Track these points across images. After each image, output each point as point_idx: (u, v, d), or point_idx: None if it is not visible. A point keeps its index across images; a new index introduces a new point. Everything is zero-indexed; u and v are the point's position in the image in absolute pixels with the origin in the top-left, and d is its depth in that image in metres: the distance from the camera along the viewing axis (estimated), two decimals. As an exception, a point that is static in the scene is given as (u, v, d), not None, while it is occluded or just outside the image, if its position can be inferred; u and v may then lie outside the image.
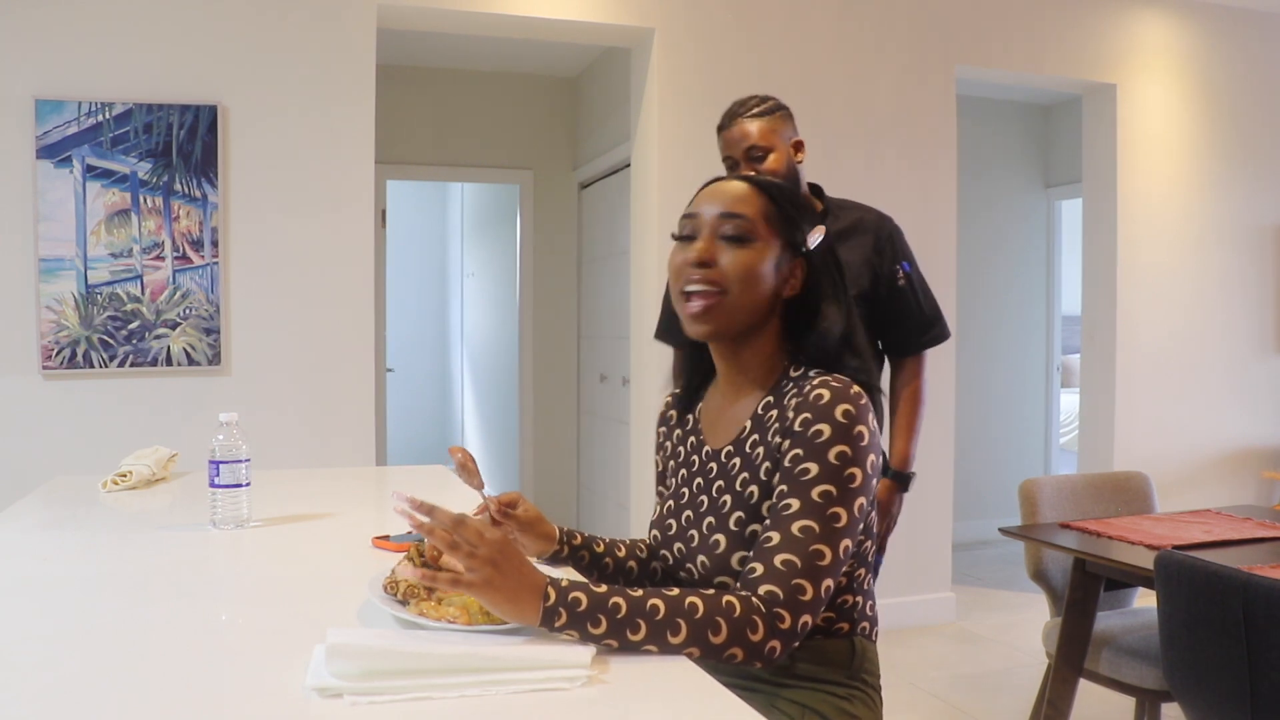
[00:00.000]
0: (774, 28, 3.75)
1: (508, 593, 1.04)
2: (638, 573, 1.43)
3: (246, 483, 1.71)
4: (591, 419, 5.11)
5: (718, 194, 1.29)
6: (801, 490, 1.14)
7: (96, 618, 1.22)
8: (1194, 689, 1.83)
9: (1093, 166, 4.38)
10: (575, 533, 1.42)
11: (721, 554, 1.24)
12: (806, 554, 1.11)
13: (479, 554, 1.06)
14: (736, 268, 1.24)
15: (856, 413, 1.17)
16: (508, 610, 1.05)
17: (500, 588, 1.04)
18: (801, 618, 1.09)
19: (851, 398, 1.18)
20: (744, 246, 1.25)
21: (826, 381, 1.19)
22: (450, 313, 7.80)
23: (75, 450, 3.05)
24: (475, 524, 1.09)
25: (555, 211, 5.28)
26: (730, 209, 1.26)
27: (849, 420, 1.16)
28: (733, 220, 1.26)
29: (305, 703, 0.93)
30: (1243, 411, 4.54)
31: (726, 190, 1.29)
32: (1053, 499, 2.65)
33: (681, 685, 1.00)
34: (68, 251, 3.03)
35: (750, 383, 1.31)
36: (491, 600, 1.05)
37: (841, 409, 1.16)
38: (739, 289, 1.24)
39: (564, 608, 1.03)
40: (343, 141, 3.29)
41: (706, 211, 1.28)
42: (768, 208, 1.27)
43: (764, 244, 1.26)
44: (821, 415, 1.16)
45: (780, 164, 2.11)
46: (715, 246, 1.26)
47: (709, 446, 1.34)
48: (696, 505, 1.32)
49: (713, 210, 1.27)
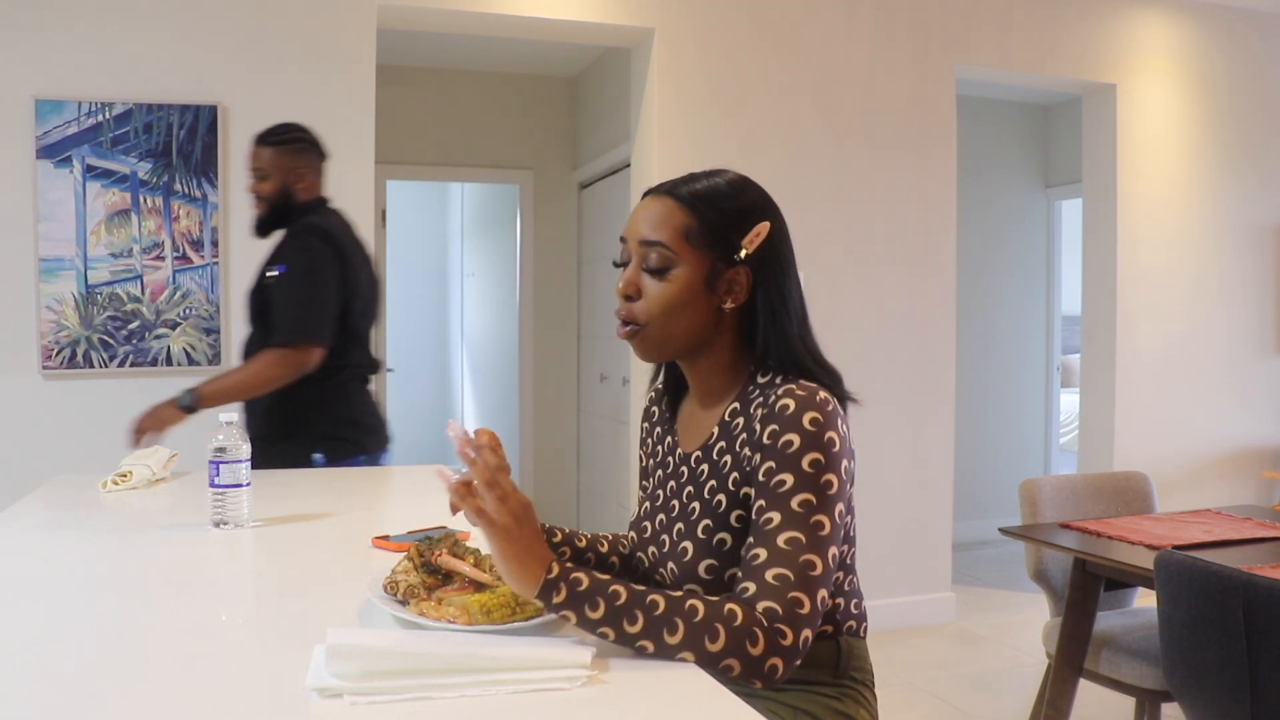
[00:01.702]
0: (774, 28, 3.75)
1: (520, 549, 1.05)
2: (619, 568, 1.42)
3: (246, 483, 1.71)
4: (591, 419, 5.11)
5: (641, 217, 1.25)
6: (780, 503, 1.12)
7: (96, 618, 1.22)
8: (1194, 689, 1.83)
9: (1092, 167, 4.38)
10: (556, 529, 1.40)
11: (689, 561, 1.22)
12: (797, 566, 1.09)
13: (509, 503, 1.07)
14: (656, 302, 1.22)
15: (825, 419, 1.15)
16: (513, 568, 1.05)
17: (515, 540, 1.06)
18: (803, 633, 1.07)
19: (818, 404, 1.15)
20: (664, 278, 1.22)
21: (791, 390, 1.17)
22: (450, 313, 7.79)
23: (75, 450, 3.05)
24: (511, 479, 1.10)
25: (555, 211, 5.28)
26: (649, 236, 1.22)
27: (818, 428, 1.14)
28: (652, 249, 1.22)
29: (305, 703, 0.93)
30: (1243, 412, 4.54)
31: (647, 213, 1.24)
32: (1053, 499, 2.65)
33: (681, 686, 1.00)
34: (68, 251, 3.03)
35: (715, 390, 1.29)
36: (504, 550, 1.06)
37: (809, 417, 1.14)
38: (660, 322, 1.22)
39: (564, 583, 1.04)
40: (342, 141, 3.28)
41: (632, 236, 1.25)
42: (689, 224, 1.22)
43: (686, 268, 1.22)
44: (789, 425, 1.14)
45: (271, 190, 2.48)
46: (638, 278, 1.24)
47: (681, 449, 1.33)
48: (669, 509, 1.31)
49: (636, 236, 1.24)
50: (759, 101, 3.73)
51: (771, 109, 3.75)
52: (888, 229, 3.90)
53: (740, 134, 3.71)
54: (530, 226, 5.27)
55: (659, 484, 1.36)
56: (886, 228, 3.90)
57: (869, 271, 3.88)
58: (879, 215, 3.89)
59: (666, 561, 1.27)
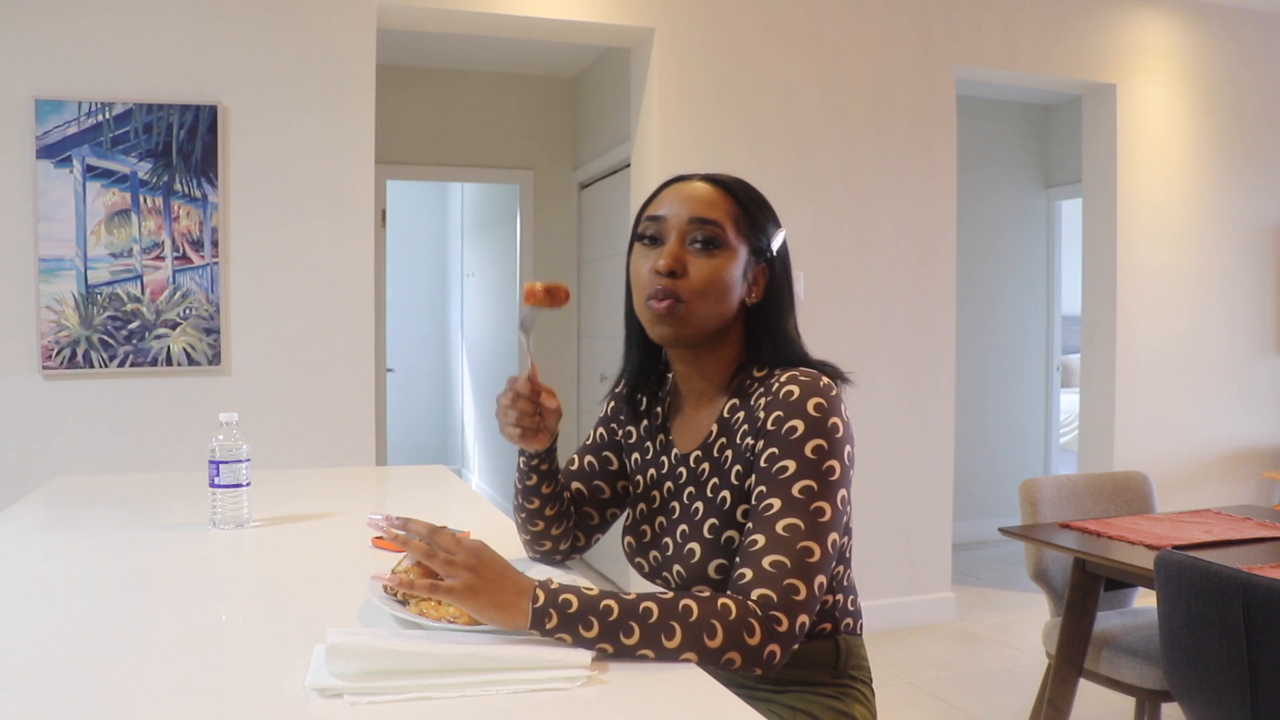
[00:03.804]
0: (774, 28, 3.75)
1: (490, 597, 1.03)
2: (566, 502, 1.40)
3: (246, 483, 1.71)
4: (591, 419, 5.10)
5: (686, 196, 1.24)
6: (781, 488, 1.12)
7: (96, 618, 1.22)
8: (1194, 689, 1.83)
9: (1092, 166, 4.38)
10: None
11: (697, 563, 1.21)
12: (795, 552, 1.08)
13: (456, 560, 1.05)
14: (705, 278, 1.20)
15: (829, 405, 1.15)
16: (494, 615, 1.03)
17: (482, 592, 1.03)
18: (799, 619, 1.07)
19: (822, 390, 1.15)
20: (713, 255, 1.21)
21: (795, 377, 1.17)
22: (450, 313, 7.80)
23: (75, 450, 3.05)
24: (450, 533, 1.08)
25: (555, 211, 5.29)
26: (701, 214, 1.22)
27: (822, 413, 1.14)
28: (704, 227, 1.21)
29: (305, 703, 0.93)
30: (1243, 411, 4.54)
31: (695, 193, 1.24)
32: (1053, 499, 2.65)
33: (681, 685, 1.00)
34: (68, 251, 3.03)
35: (713, 387, 1.29)
36: (474, 606, 1.04)
37: (814, 402, 1.14)
38: (706, 300, 1.21)
39: (554, 609, 1.02)
40: (343, 141, 3.29)
41: (675, 215, 1.23)
42: (736, 212, 1.23)
43: (732, 251, 1.22)
44: (794, 411, 1.14)
45: None
46: (684, 254, 1.22)
47: (677, 449, 1.31)
48: (668, 511, 1.30)
49: (682, 214, 1.22)
50: (759, 102, 3.73)
51: (771, 109, 3.75)
52: (888, 229, 3.90)
53: (740, 134, 3.71)
54: (530, 226, 5.27)
55: (652, 484, 1.34)
56: (886, 228, 3.90)
57: (869, 271, 3.88)
58: (879, 215, 3.89)
59: (672, 565, 1.26)
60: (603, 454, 1.43)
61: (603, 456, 1.43)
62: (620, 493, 1.43)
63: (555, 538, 1.40)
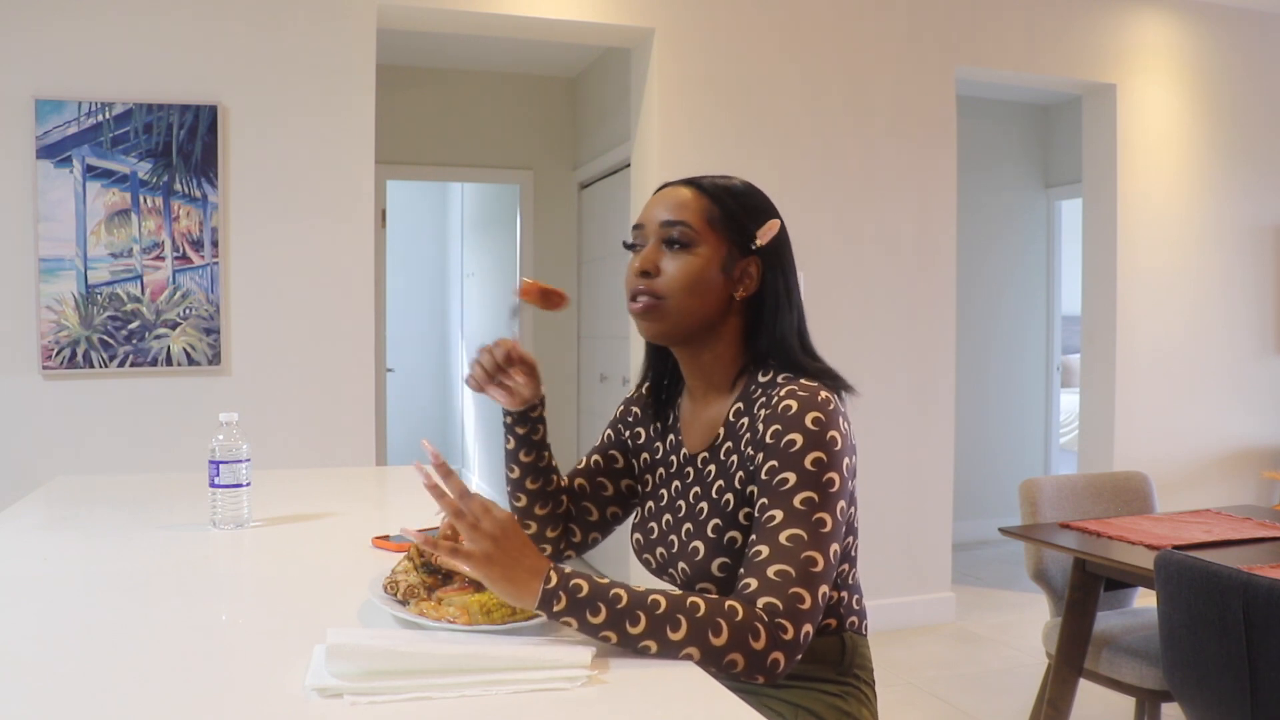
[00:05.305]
0: (774, 28, 3.75)
1: (506, 569, 1.05)
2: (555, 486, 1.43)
3: (246, 483, 1.71)
4: (591, 419, 5.10)
5: (661, 201, 1.30)
6: (783, 500, 1.14)
7: (96, 618, 1.22)
8: (1194, 689, 1.83)
9: (1092, 166, 4.38)
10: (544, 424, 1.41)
11: (701, 561, 1.24)
12: (799, 562, 1.10)
13: (481, 527, 1.07)
14: (677, 275, 1.25)
15: (826, 419, 1.17)
16: (505, 589, 1.05)
17: (498, 563, 1.05)
18: (804, 627, 1.08)
19: (820, 404, 1.18)
20: (686, 253, 1.26)
21: (793, 391, 1.19)
22: (450, 313, 7.79)
23: (75, 450, 3.05)
24: (482, 499, 1.09)
25: (555, 211, 5.29)
26: (671, 215, 1.27)
27: (819, 427, 1.16)
28: (674, 227, 1.26)
29: (305, 703, 0.93)
30: (1243, 411, 4.54)
31: (669, 197, 1.29)
32: (1053, 499, 2.65)
33: (681, 685, 1.00)
34: (68, 251, 3.03)
35: (716, 387, 1.32)
36: (488, 575, 1.05)
37: (811, 416, 1.16)
38: (680, 296, 1.25)
39: (564, 592, 1.04)
40: (343, 141, 3.29)
41: (650, 220, 1.29)
42: (710, 209, 1.27)
43: (708, 248, 1.26)
44: (792, 425, 1.16)
45: None
46: (658, 254, 1.27)
47: (687, 450, 1.35)
48: (675, 510, 1.33)
49: (655, 218, 1.28)
50: (759, 102, 3.74)
51: (771, 109, 3.75)
52: (888, 229, 3.90)
53: (740, 134, 3.71)
54: (530, 226, 5.27)
55: (661, 483, 1.38)
56: (886, 228, 3.90)
57: (869, 272, 3.88)
58: (879, 216, 3.89)
59: (677, 562, 1.29)
60: (609, 453, 1.47)
61: (609, 455, 1.47)
62: (623, 492, 1.46)
63: (540, 519, 1.42)
